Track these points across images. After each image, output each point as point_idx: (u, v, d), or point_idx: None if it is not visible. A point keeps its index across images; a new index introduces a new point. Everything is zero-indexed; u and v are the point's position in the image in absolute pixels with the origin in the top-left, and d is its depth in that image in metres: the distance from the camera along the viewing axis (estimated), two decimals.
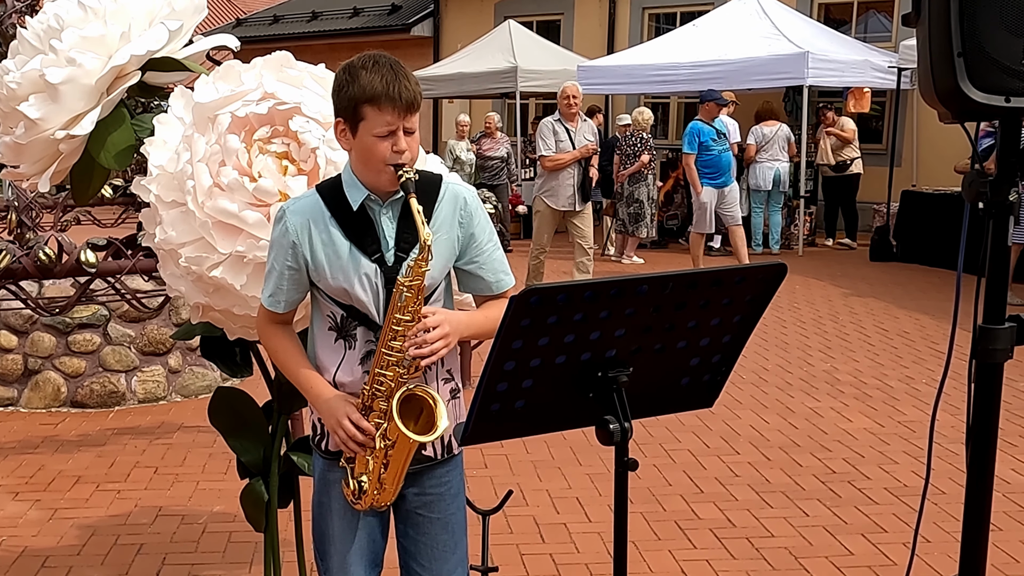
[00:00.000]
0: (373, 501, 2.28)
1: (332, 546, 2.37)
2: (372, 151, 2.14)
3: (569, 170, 8.29)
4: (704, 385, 2.16)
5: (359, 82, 2.12)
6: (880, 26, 14.94)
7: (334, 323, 2.27)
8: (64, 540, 4.08)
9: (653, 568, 3.83)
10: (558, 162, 8.29)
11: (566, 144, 8.35)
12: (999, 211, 2.11)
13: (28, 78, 2.78)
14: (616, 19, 16.82)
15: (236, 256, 2.54)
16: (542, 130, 8.48)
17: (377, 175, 2.17)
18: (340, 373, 2.27)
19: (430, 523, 2.37)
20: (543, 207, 8.46)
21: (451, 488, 2.40)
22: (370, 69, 2.12)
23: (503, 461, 4.97)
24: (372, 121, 2.12)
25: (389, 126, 2.12)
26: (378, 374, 2.18)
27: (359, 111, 2.13)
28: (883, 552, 3.97)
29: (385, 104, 2.10)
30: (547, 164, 8.33)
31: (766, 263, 2.00)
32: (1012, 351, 2.17)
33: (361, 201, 2.20)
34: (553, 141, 8.35)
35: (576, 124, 8.48)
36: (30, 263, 3.18)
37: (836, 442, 5.35)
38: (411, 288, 2.13)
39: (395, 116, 2.12)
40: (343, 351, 2.27)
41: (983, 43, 1.95)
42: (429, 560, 2.37)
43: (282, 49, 2.78)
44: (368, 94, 2.11)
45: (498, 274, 2.34)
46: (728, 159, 10.47)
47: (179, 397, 6.17)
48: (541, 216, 8.54)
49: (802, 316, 8.74)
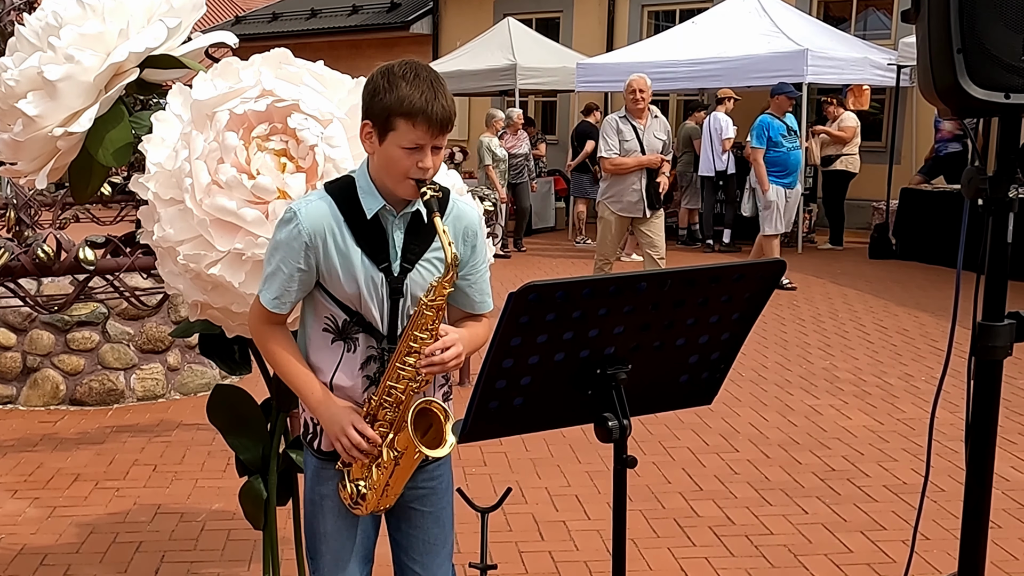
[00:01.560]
0: (376, 507, 2.29)
1: (325, 544, 2.37)
2: (397, 163, 2.12)
3: (635, 173, 7.54)
4: (703, 382, 2.16)
5: (397, 92, 2.08)
6: (879, 23, 14.94)
7: (333, 325, 2.25)
8: (63, 538, 4.08)
9: (652, 566, 3.83)
10: (620, 167, 7.53)
11: (632, 144, 7.55)
12: (998, 208, 2.11)
13: (26, 75, 2.78)
14: (615, 16, 16.82)
15: (234, 254, 2.53)
16: (605, 128, 7.68)
17: (396, 185, 2.15)
18: (338, 376, 2.26)
19: (423, 517, 2.38)
20: (607, 213, 7.71)
21: (442, 482, 2.41)
22: (410, 81, 2.08)
23: (502, 459, 4.97)
24: (403, 134, 2.09)
25: (419, 142, 2.09)
26: (390, 387, 2.19)
27: (391, 121, 2.09)
28: (882, 550, 3.97)
29: (420, 122, 2.07)
30: (607, 167, 7.61)
31: (765, 260, 2.00)
32: (1012, 348, 2.17)
33: (376, 211, 2.19)
34: (617, 141, 7.55)
35: (645, 121, 7.63)
36: (28, 261, 3.18)
37: (835, 440, 5.35)
38: (431, 307, 2.14)
39: (427, 135, 2.09)
40: (340, 353, 2.26)
41: (983, 39, 1.95)
42: (421, 554, 2.39)
43: (281, 47, 2.77)
44: (405, 108, 2.07)
45: (484, 295, 2.36)
46: (798, 158, 9.89)
47: (178, 395, 6.16)
48: (605, 223, 7.78)
49: (801, 314, 8.74)
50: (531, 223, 14.33)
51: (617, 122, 7.61)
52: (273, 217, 2.51)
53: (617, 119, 7.63)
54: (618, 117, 7.65)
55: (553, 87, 15.21)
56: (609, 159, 7.57)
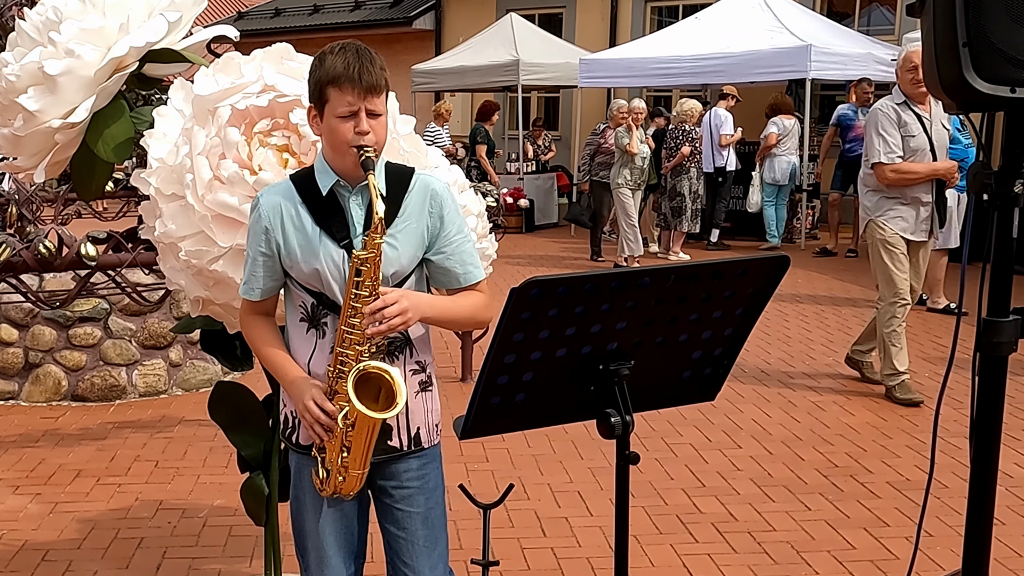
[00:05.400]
0: (337, 487, 2.28)
1: (308, 540, 2.39)
2: (336, 133, 2.18)
3: (925, 183, 5.56)
4: (706, 378, 2.15)
5: (324, 66, 2.19)
6: (883, 19, 14.92)
7: (305, 313, 2.29)
8: (64, 534, 4.08)
9: (655, 562, 3.82)
10: (909, 176, 5.51)
11: (920, 140, 5.50)
12: (1004, 203, 2.10)
13: (27, 70, 2.77)
14: (618, 12, 16.80)
15: (236, 249, 2.53)
16: (879, 121, 5.56)
17: (342, 157, 2.20)
18: (313, 363, 2.29)
19: (409, 518, 2.37)
20: (884, 235, 5.67)
21: (429, 482, 2.40)
22: (336, 54, 2.19)
23: (504, 455, 4.96)
24: (335, 102, 2.17)
25: (350, 107, 2.16)
26: (340, 353, 2.19)
27: (324, 93, 2.19)
28: (885, 546, 3.96)
29: (345, 84, 2.16)
30: (890, 176, 5.50)
31: (768, 255, 1.99)
32: (1016, 344, 2.16)
33: (330, 186, 2.24)
34: (899, 137, 5.46)
35: (928, 107, 5.58)
36: (30, 256, 3.17)
37: (839, 436, 5.34)
38: (366, 262, 2.14)
39: (356, 97, 2.16)
40: (314, 340, 2.29)
41: (988, 33, 1.94)
42: (411, 556, 2.38)
43: (284, 42, 2.77)
44: (330, 75, 2.17)
45: (466, 266, 2.34)
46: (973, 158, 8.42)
47: (180, 391, 6.16)
48: (880, 251, 5.72)
49: (804, 309, 8.73)
50: (534, 219, 14.33)
51: (896, 110, 5.56)
52: None
53: (894, 106, 5.57)
54: (895, 104, 5.59)
55: (556, 83, 15.19)
56: (891, 166, 5.50)
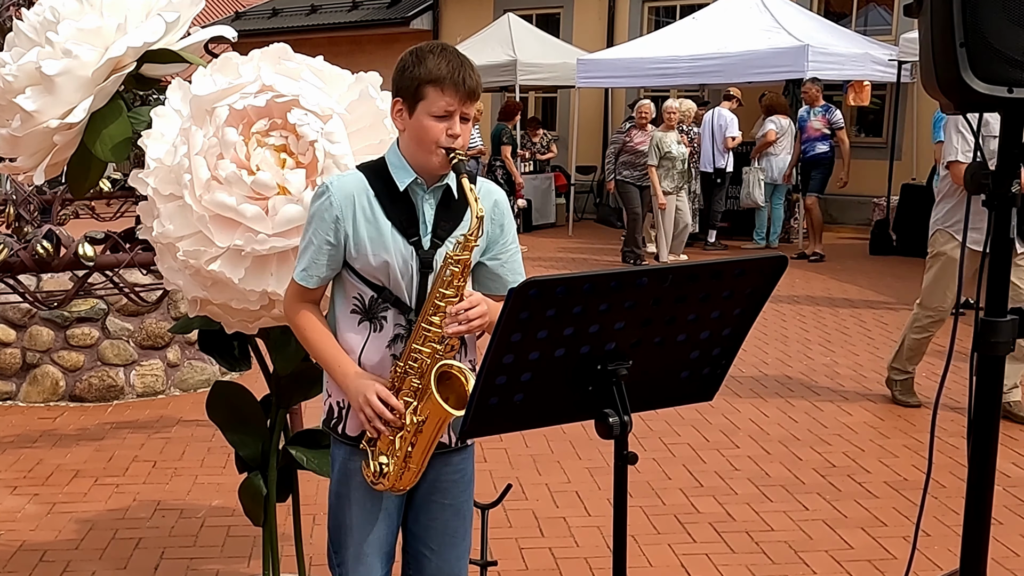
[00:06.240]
0: (396, 482, 2.27)
1: (349, 536, 2.37)
2: (427, 131, 2.19)
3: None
4: (704, 378, 2.15)
5: (426, 64, 2.19)
6: (880, 19, 14.93)
7: (360, 305, 2.29)
8: (62, 534, 4.08)
9: (652, 562, 3.82)
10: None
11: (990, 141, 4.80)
12: (1001, 203, 2.10)
13: (24, 71, 2.77)
14: (616, 12, 16.80)
15: (234, 250, 2.53)
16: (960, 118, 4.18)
17: (428, 156, 2.21)
18: (365, 355, 2.28)
19: (442, 509, 2.39)
20: (951, 247, 5.27)
21: (464, 475, 2.43)
22: (438, 54, 2.20)
23: (502, 455, 4.96)
24: (432, 101, 2.18)
25: (448, 108, 2.18)
26: (414, 350, 2.20)
27: (420, 91, 2.19)
28: (883, 546, 3.96)
29: (448, 87, 2.17)
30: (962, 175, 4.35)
31: (766, 255, 1.99)
32: (1014, 344, 2.16)
33: (408, 184, 2.24)
34: (970, 134, 4.95)
35: None
36: (28, 257, 3.17)
37: (836, 436, 5.34)
38: (459, 263, 2.17)
39: (456, 100, 2.18)
40: (367, 333, 2.28)
41: (986, 33, 1.94)
42: (439, 545, 2.39)
43: (281, 42, 2.76)
44: (433, 75, 2.17)
45: (516, 274, 2.37)
46: None
47: (178, 391, 6.16)
48: (943, 264, 5.34)
49: (802, 310, 8.73)
50: (531, 219, 14.32)
51: None
52: (272, 213, 2.50)
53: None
54: None
55: (553, 83, 15.18)
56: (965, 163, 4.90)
